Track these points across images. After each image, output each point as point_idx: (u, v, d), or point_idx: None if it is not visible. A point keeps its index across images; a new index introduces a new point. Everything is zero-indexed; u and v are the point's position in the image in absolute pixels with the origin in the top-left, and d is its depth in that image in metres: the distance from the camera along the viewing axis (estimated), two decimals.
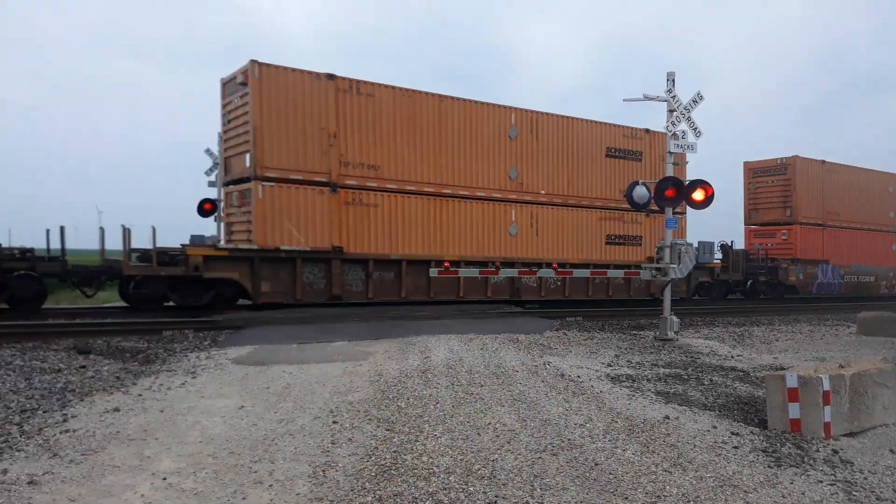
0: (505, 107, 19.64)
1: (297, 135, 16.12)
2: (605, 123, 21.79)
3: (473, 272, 17.84)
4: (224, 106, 17.29)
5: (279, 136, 15.86)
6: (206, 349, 11.11)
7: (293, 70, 16.17)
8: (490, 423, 6.66)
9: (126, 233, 14.97)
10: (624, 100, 13.83)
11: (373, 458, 5.58)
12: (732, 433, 6.64)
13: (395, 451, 5.74)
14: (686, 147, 13.48)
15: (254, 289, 15.90)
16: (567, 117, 20.90)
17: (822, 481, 5.47)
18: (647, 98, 13.45)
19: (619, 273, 20.84)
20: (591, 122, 21.49)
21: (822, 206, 27.89)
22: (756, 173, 28.66)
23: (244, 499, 4.69)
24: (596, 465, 5.55)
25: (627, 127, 22.11)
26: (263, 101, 15.63)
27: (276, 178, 15.85)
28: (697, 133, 13.42)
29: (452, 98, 18.80)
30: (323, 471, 5.26)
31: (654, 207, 14.67)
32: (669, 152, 13.44)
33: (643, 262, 20.14)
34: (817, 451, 6.20)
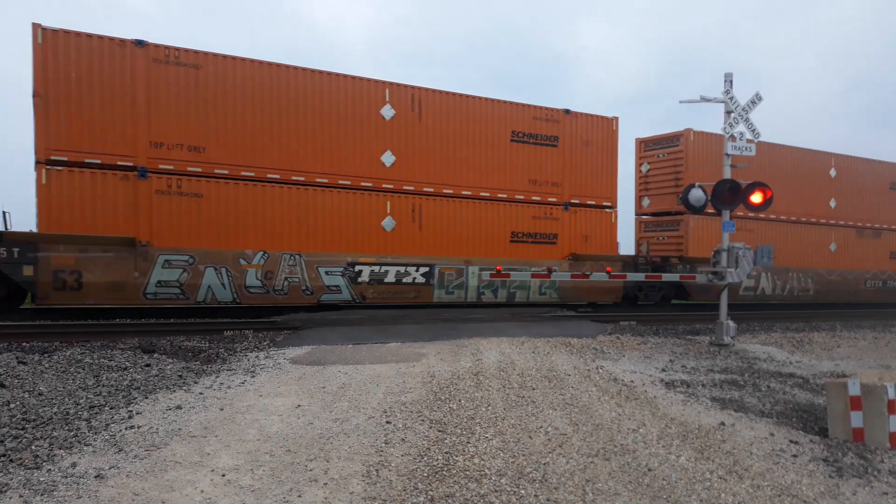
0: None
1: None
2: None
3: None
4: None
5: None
6: (265, 349, 11.41)
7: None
8: (541, 427, 6.66)
9: None
10: (680, 101, 13.60)
11: (425, 458, 5.64)
12: (791, 441, 6.48)
13: (446, 453, 5.79)
14: (744, 149, 13.23)
15: None
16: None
17: (887, 493, 5.29)
18: (704, 99, 13.23)
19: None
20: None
21: None
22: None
23: (300, 496, 4.80)
24: (649, 470, 5.49)
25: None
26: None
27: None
28: (756, 134, 13.19)
29: None
30: (376, 470, 5.35)
31: (711, 210, 14.41)
32: (727, 154, 13.19)
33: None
34: (882, 461, 5.99)
